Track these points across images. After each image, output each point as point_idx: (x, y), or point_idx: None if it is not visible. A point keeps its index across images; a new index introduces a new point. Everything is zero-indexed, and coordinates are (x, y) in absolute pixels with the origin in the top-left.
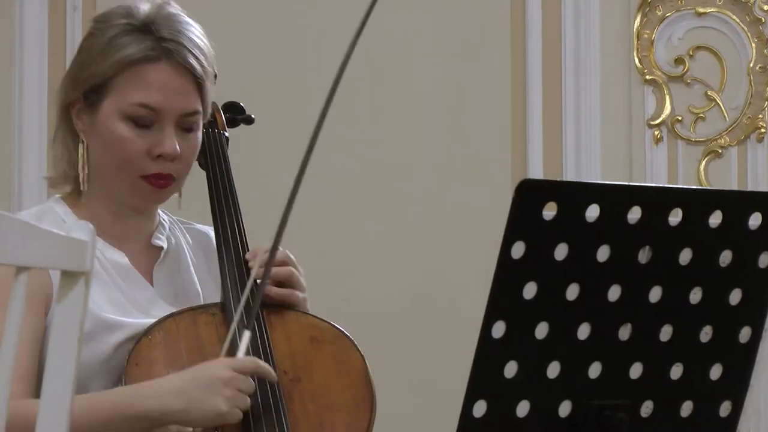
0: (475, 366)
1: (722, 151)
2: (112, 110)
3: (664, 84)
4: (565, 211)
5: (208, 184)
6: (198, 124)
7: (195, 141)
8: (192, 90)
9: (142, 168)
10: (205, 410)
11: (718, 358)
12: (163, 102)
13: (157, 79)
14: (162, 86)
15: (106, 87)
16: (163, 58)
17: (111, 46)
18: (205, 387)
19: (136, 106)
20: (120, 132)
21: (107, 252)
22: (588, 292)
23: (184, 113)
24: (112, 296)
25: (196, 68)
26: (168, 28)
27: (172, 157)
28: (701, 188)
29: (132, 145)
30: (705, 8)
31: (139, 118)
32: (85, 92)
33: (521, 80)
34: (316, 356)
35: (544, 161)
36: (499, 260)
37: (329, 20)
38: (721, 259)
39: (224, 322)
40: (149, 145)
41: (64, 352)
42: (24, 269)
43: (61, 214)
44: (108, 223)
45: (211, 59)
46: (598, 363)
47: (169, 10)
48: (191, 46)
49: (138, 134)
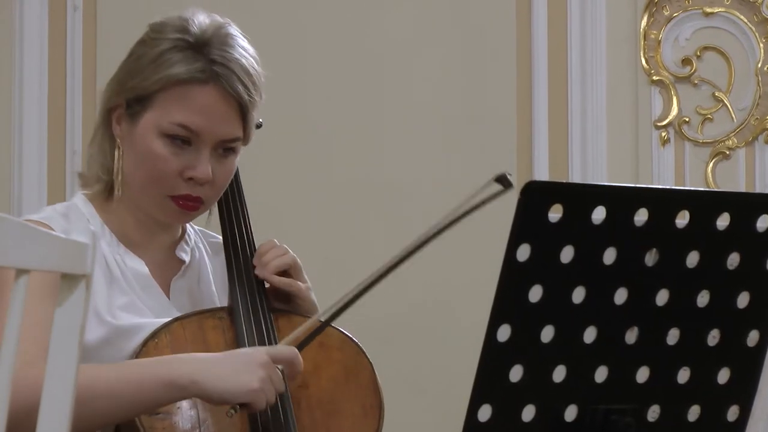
0: (480, 370)
1: (730, 152)
2: (152, 125)
3: (671, 85)
4: (571, 213)
5: None
6: (237, 149)
7: (230, 166)
8: (235, 117)
9: (172, 188)
10: (237, 383)
11: (726, 361)
12: (203, 126)
13: (201, 102)
14: (205, 110)
15: (150, 100)
16: (211, 82)
17: (161, 60)
18: (240, 363)
19: (176, 125)
20: (155, 148)
21: (128, 259)
22: (594, 295)
23: (223, 139)
24: (130, 302)
25: (243, 96)
26: (220, 51)
27: (203, 182)
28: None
29: (165, 163)
30: (712, 8)
31: (177, 137)
32: (128, 100)
33: (527, 81)
34: (324, 362)
35: (549, 163)
36: (504, 263)
37: (336, 25)
38: (728, 262)
39: (231, 327)
40: (183, 166)
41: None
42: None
43: (86, 213)
44: (132, 229)
45: (260, 86)
46: (605, 367)
47: (228, 30)
48: (241, 73)
49: (173, 153)
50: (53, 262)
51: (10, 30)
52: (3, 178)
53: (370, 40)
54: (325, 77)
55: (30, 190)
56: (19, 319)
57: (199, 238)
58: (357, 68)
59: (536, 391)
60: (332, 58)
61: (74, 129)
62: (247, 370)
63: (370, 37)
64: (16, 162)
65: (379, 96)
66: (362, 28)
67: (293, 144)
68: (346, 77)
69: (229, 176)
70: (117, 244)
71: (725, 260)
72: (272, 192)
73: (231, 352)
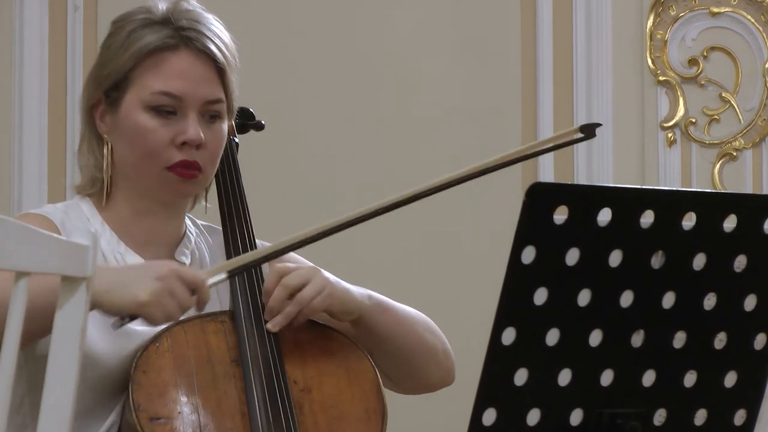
0: (485, 373)
1: (737, 153)
2: (134, 102)
3: (677, 85)
4: (576, 215)
5: (218, 190)
6: (222, 114)
7: (220, 132)
8: (214, 77)
9: (168, 158)
10: (124, 294)
11: (733, 365)
12: (184, 89)
13: (177, 67)
14: (183, 73)
15: (127, 80)
16: (182, 45)
17: (130, 39)
18: (134, 275)
19: (158, 94)
20: (143, 123)
21: (128, 257)
22: (600, 297)
23: (206, 101)
24: None
25: (216, 55)
26: (187, 19)
27: (197, 144)
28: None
29: (155, 135)
30: (719, 8)
31: (162, 107)
32: (106, 90)
33: (532, 81)
34: (327, 366)
35: (555, 164)
36: (509, 265)
37: (339, 25)
38: (735, 264)
39: (233, 330)
40: (173, 133)
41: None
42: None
43: (86, 212)
44: (133, 225)
45: (233, 50)
46: (610, 370)
47: (187, 6)
48: (211, 34)
49: (161, 124)
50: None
51: (10, 30)
52: (3, 178)
53: (374, 40)
54: (328, 77)
55: (30, 191)
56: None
57: (200, 237)
58: (360, 68)
59: (541, 394)
60: (335, 58)
61: (74, 129)
62: (138, 282)
63: (373, 36)
64: (16, 162)
65: (383, 96)
66: (365, 27)
67: (296, 145)
68: (350, 77)
69: (221, 142)
70: (117, 242)
71: (732, 262)
72: (275, 194)
73: (136, 264)
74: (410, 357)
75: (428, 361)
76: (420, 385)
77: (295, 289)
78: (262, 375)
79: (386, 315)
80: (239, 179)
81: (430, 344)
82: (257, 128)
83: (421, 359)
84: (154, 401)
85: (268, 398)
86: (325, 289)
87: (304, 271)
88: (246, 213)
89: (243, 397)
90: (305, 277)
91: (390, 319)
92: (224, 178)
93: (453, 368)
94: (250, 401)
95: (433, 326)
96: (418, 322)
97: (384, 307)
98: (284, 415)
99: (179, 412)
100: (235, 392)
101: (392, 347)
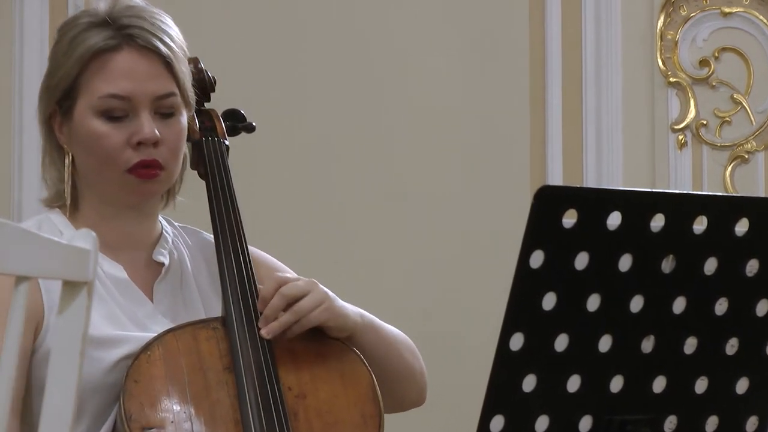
0: (493, 379)
1: (749, 156)
2: (85, 110)
3: (688, 87)
4: (585, 218)
5: (208, 195)
6: (177, 107)
7: (177, 126)
8: (161, 71)
9: (126, 160)
10: None
11: (745, 371)
12: (131, 89)
13: (121, 66)
14: (127, 73)
15: (76, 88)
16: (124, 44)
17: (73, 44)
18: None
19: (106, 98)
20: (95, 129)
21: (105, 265)
22: (609, 302)
23: (156, 96)
24: (109, 312)
25: (160, 48)
26: (127, 17)
27: (153, 142)
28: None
29: (109, 139)
30: (731, 8)
31: (112, 111)
32: (58, 100)
33: (540, 83)
34: (322, 372)
35: (563, 167)
36: (517, 270)
37: (332, 27)
38: (747, 269)
39: (225, 337)
40: (127, 135)
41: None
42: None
43: (58, 224)
44: (105, 232)
45: (179, 40)
46: (620, 376)
47: (127, 2)
48: (153, 28)
49: (114, 127)
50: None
51: (10, 30)
52: (3, 180)
53: (380, 41)
54: (332, 79)
55: (30, 193)
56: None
57: (178, 237)
58: (366, 69)
59: (550, 401)
60: (340, 59)
61: None
62: None
63: (379, 37)
64: (16, 164)
65: (389, 98)
66: (371, 28)
67: (289, 148)
68: (355, 79)
69: (180, 135)
70: None
71: (744, 267)
72: (267, 198)
73: None
74: (393, 377)
75: (408, 382)
76: (396, 404)
77: (294, 299)
78: (255, 382)
79: (375, 335)
80: (230, 183)
81: (411, 365)
82: (248, 130)
83: (402, 380)
84: (145, 411)
85: (262, 405)
86: (324, 303)
87: (303, 283)
88: (237, 218)
89: (236, 404)
90: (304, 288)
91: (378, 340)
92: (215, 183)
93: (426, 389)
94: (244, 409)
95: (414, 348)
96: (402, 343)
97: (374, 327)
98: (278, 422)
99: (171, 421)
100: (228, 400)
101: (377, 367)
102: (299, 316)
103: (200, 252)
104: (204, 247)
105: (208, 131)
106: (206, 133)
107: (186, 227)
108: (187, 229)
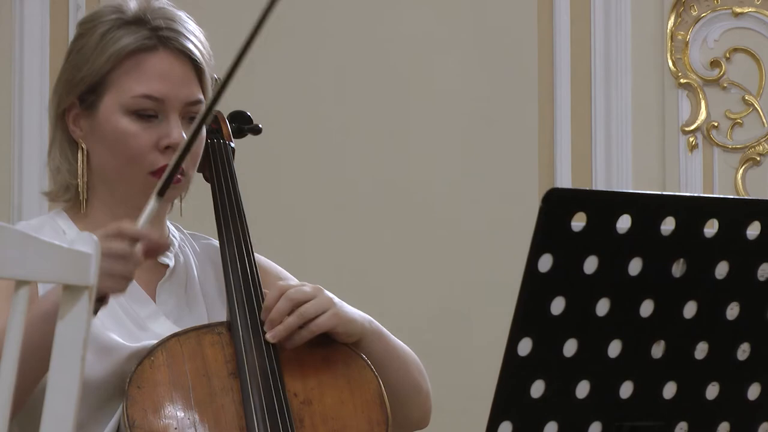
0: (500, 385)
1: (760, 158)
2: (113, 106)
3: (699, 88)
4: (594, 221)
5: (213, 198)
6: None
7: (200, 133)
8: (192, 77)
9: (151, 163)
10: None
11: (756, 377)
12: (166, 91)
13: (157, 68)
14: (163, 75)
15: (104, 84)
16: (161, 46)
17: (104, 41)
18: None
19: (139, 98)
20: (124, 127)
21: None
22: (619, 307)
23: (188, 102)
24: (111, 311)
25: (195, 54)
26: (162, 18)
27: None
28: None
29: (138, 139)
30: (742, 8)
31: (143, 111)
32: (80, 95)
33: (549, 84)
34: (328, 377)
35: (572, 169)
36: (525, 273)
37: (339, 28)
38: (759, 273)
39: (230, 342)
40: (156, 137)
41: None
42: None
43: (62, 225)
44: None
45: (208, 48)
46: (630, 382)
47: (158, 4)
48: (188, 33)
49: (143, 128)
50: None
51: (10, 30)
52: (2, 180)
53: (389, 42)
54: (339, 81)
55: (30, 194)
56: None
57: (185, 243)
58: (376, 70)
59: (558, 407)
60: (350, 59)
61: None
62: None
63: (388, 38)
64: (16, 165)
65: (398, 99)
66: (380, 29)
67: (305, 150)
68: (365, 79)
69: (201, 145)
70: None
71: (755, 271)
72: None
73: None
74: (398, 390)
75: (413, 399)
76: (398, 422)
77: (299, 303)
78: (260, 387)
79: (383, 343)
80: (236, 187)
81: (418, 382)
82: (254, 132)
83: (407, 395)
84: (149, 417)
85: (267, 411)
86: (330, 308)
87: (308, 288)
88: (243, 221)
89: (241, 410)
90: (309, 294)
91: (386, 349)
92: (220, 186)
93: (430, 412)
94: (249, 415)
95: (421, 366)
96: (409, 357)
97: (381, 335)
98: (284, 428)
99: (175, 428)
100: (233, 406)
101: (384, 377)
102: (304, 319)
103: (208, 258)
104: (213, 254)
105: (214, 133)
106: (212, 136)
107: (195, 234)
108: (196, 236)
